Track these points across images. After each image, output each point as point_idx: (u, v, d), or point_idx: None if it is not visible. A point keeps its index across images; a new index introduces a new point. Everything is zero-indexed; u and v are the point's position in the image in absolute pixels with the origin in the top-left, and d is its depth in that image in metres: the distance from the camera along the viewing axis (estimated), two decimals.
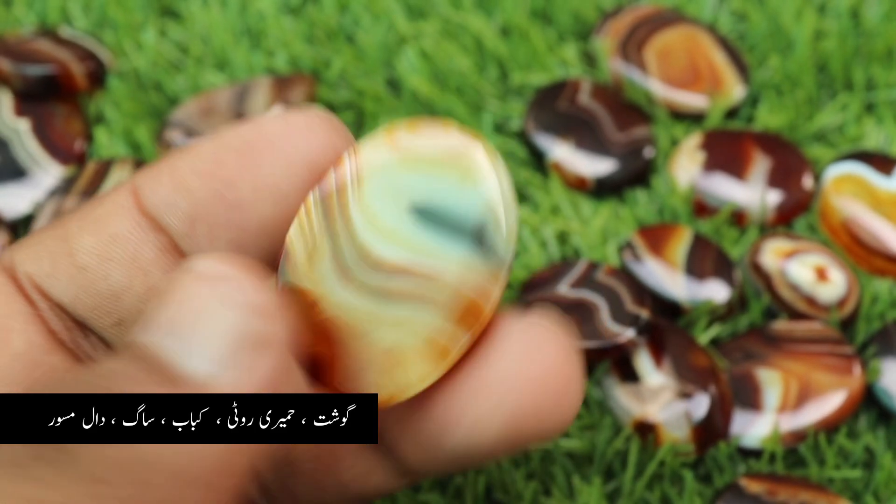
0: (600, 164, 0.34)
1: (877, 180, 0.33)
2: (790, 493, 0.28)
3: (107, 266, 0.22)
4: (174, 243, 0.23)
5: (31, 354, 0.22)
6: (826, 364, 0.30)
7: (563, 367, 0.21)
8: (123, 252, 0.22)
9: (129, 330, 0.20)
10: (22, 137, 0.34)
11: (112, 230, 0.22)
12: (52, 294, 0.23)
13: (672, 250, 0.32)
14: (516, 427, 0.21)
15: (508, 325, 0.21)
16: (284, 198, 0.22)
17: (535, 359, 0.21)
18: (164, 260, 0.22)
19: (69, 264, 0.23)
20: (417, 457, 0.22)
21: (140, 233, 0.23)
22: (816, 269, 0.32)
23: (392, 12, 0.37)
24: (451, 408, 0.21)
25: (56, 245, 0.23)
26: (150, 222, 0.23)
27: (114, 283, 0.22)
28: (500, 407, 0.21)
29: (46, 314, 0.23)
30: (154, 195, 0.23)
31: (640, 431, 0.29)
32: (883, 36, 0.36)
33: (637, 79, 0.35)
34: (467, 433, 0.21)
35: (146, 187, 0.23)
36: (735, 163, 0.34)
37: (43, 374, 0.22)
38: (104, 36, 0.37)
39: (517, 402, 0.21)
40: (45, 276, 0.23)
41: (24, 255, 0.23)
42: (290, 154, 0.22)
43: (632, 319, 0.30)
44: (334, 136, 0.22)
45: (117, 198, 0.23)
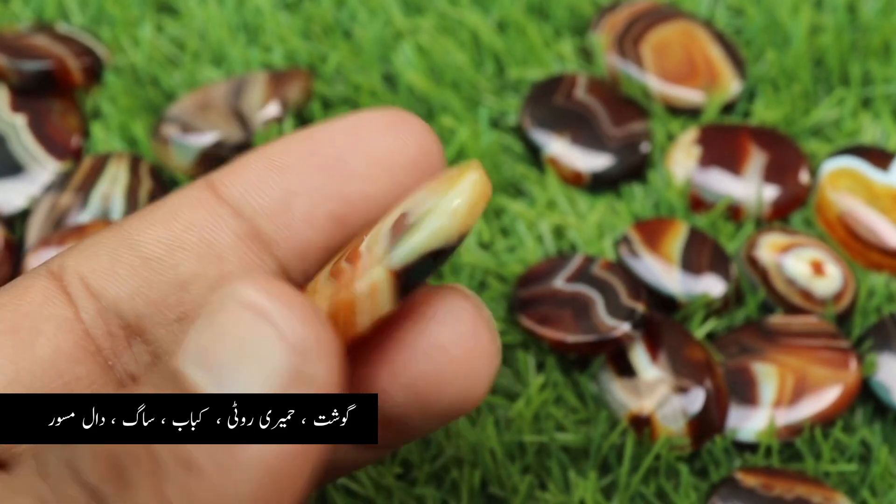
0: (596, 158, 0.34)
1: (873, 175, 0.33)
2: (786, 487, 0.28)
3: (177, 254, 0.22)
4: (254, 230, 0.22)
5: (54, 361, 0.21)
6: (822, 358, 0.30)
7: (477, 334, 0.20)
8: (198, 238, 0.22)
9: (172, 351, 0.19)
10: (18, 133, 0.34)
11: (185, 219, 0.22)
12: (108, 292, 0.22)
13: (668, 245, 0.32)
14: (421, 395, 0.21)
15: (424, 296, 0.21)
16: (400, 170, 0.22)
17: (448, 325, 0.21)
18: (241, 247, 0.22)
19: (132, 257, 0.22)
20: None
21: (217, 219, 0.22)
22: (813, 263, 0.32)
23: (388, 7, 0.37)
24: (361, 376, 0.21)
25: (116, 242, 0.22)
26: (229, 210, 0.22)
27: (182, 272, 0.22)
28: (405, 373, 0.20)
29: (90, 319, 0.22)
30: (238, 181, 0.22)
31: (636, 425, 0.29)
32: (879, 30, 0.36)
33: (633, 74, 0.35)
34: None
35: (227, 177, 0.23)
36: (731, 157, 0.34)
37: (66, 385, 0.21)
38: (101, 31, 0.37)
39: (424, 368, 0.20)
40: (103, 273, 0.22)
41: (78, 255, 0.22)
42: (398, 137, 0.22)
43: (628, 313, 0.30)
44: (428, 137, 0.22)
45: (189, 192, 0.23)
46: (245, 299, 0.18)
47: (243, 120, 0.34)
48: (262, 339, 0.18)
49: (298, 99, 0.35)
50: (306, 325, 0.18)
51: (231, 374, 0.18)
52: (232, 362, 0.18)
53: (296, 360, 0.18)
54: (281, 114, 0.34)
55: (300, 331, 0.18)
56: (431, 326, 0.21)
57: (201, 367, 0.18)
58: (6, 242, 0.32)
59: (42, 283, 0.22)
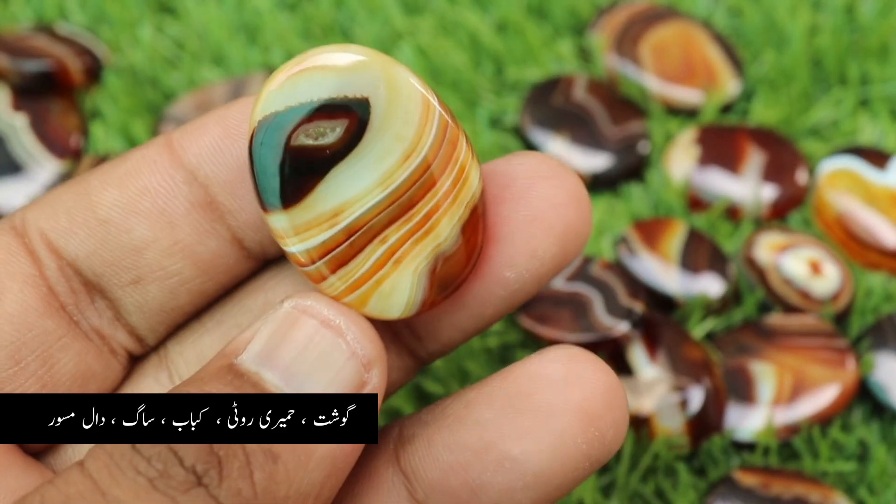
0: (595, 158, 0.34)
1: (871, 175, 0.33)
2: (784, 485, 0.28)
3: (131, 219, 0.22)
4: (208, 198, 0.22)
5: (23, 317, 0.22)
6: (820, 358, 0.30)
7: (577, 179, 0.22)
8: (152, 205, 0.22)
9: (231, 349, 0.20)
10: (19, 132, 0.34)
11: (141, 183, 0.22)
12: (67, 251, 0.22)
13: (666, 244, 0.32)
14: (565, 242, 0.22)
15: (522, 162, 0.22)
16: None
17: (561, 178, 0.22)
18: (195, 215, 0.22)
19: (89, 218, 0.22)
20: (453, 329, 0.23)
21: (172, 186, 0.22)
22: (810, 263, 0.32)
23: (388, 8, 0.37)
24: (504, 251, 0.22)
25: (75, 200, 0.22)
26: (185, 175, 0.22)
27: (137, 237, 0.22)
28: (553, 226, 0.22)
29: (53, 276, 0.22)
30: (196, 145, 0.22)
31: (635, 425, 0.30)
32: (877, 31, 0.36)
33: (632, 74, 0.35)
34: (525, 268, 0.22)
35: (186, 139, 0.22)
36: (729, 157, 0.34)
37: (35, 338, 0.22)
38: (101, 32, 0.37)
39: (563, 215, 0.22)
40: (62, 231, 0.22)
41: (39, 212, 0.23)
42: None
43: (626, 313, 0.30)
44: None
45: (147, 153, 0.22)
46: (321, 315, 0.21)
47: None
48: (336, 353, 0.21)
49: None
50: (372, 343, 0.21)
51: (305, 379, 0.20)
52: (306, 369, 0.20)
53: (361, 372, 0.21)
54: None
55: (369, 348, 0.21)
56: (554, 186, 0.22)
57: (270, 369, 0.20)
58: None
59: (4, 238, 0.23)
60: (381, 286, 0.21)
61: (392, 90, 0.21)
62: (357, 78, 0.21)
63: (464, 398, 0.22)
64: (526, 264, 0.22)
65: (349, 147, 0.20)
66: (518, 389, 0.21)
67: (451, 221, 0.21)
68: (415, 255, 0.21)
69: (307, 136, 0.20)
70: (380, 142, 0.21)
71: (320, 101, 0.20)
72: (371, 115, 0.21)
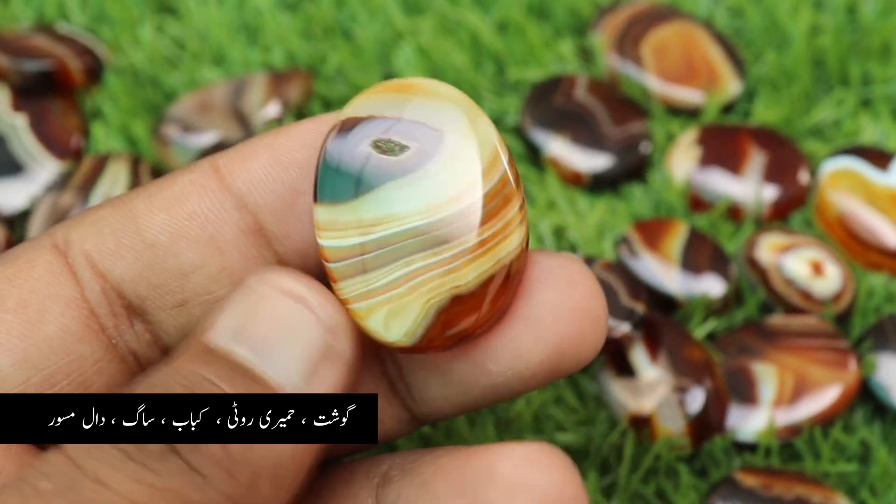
0: (596, 159, 0.34)
1: (872, 175, 0.33)
2: (785, 487, 0.28)
3: (180, 243, 0.22)
4: (257, 225, 0.22)
5: (62, 340, 0.22)
6: (821, 358, 0.30)
7: (597, 296, 0.22)
8: (201, 230, 0.22)
9: (201, 330, 0.20)
10: (19, 132, 0.34)
11: (189, 208, 0.22)
12: (113, 273, 0.22)
13: (668, 245, 0.32)
14: (558, 356, 0.22)
15: (539, 261, 0.22)
16: None
17: (574, 289, 0.22)
18: (243, 241, 0.22)
19: (136, 241, 0.22)
20: (441, 399, 0.23)
21: (222, 212, 0.22)
22: (812, 263, 0.32)
23: (388, 8, 0.37)
24: (490, 342, 0.22)
25: (122, 223, 0.22)
26: (234, 202, 0.22)
27: (185, 262, 0.22)
28: (545, 337, 0.22)
29: (95, 298, 0.22)
30: (244, 173, 0.22)
31: (636, 425, 0.29)
32: (879, 31, 0.36)
33: (633, 74, 0.35)
34: (509, 366, 0.22)
35: (234, 165, 0.23)
36: (731, 158, 0.34)
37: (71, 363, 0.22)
38: (101, 31, 0.37)
39: (561, 330, 0.22)
40: (109, 254, 0.22)
41: (84, 232, 0.23)
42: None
43: (627, 314, 0.30)
44: None
45: (194, 177, 0.23)
46: (284, 287, 0.21)
47: (243, 120, 0.34)
48: (301, 320, 0.21)
49: (298, 99, 0.35)
50: (336, 310, 0.21)
51: (274, 349, 0.20)
52: (274, 339, 0.20)
53: (328, 338, 0.21)
54: (281, 114, 0.34)
55: (332, 313, 0.21)
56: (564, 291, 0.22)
57: (240, 343, 0.20)
58: (7, 242, 0.32)
59: (47, 257, 0.23)
60: (390, 304, 0.21)
61: (469, 133, 0.22)
62: (441, 111, 0.22)
63: (433, 463, 0.22)
64: (509, 363, 0.22)
65: (409, 169, 0.21)
66: (473, 478, 0.21)
67: (477, 270, 0.21)
68: (433, 287, 0.21)
69: (378, 146, 0.21)
70: (438, 175, 0.21)
71: (401, 120, 0.22)
72: (441, 147, 0.21)
